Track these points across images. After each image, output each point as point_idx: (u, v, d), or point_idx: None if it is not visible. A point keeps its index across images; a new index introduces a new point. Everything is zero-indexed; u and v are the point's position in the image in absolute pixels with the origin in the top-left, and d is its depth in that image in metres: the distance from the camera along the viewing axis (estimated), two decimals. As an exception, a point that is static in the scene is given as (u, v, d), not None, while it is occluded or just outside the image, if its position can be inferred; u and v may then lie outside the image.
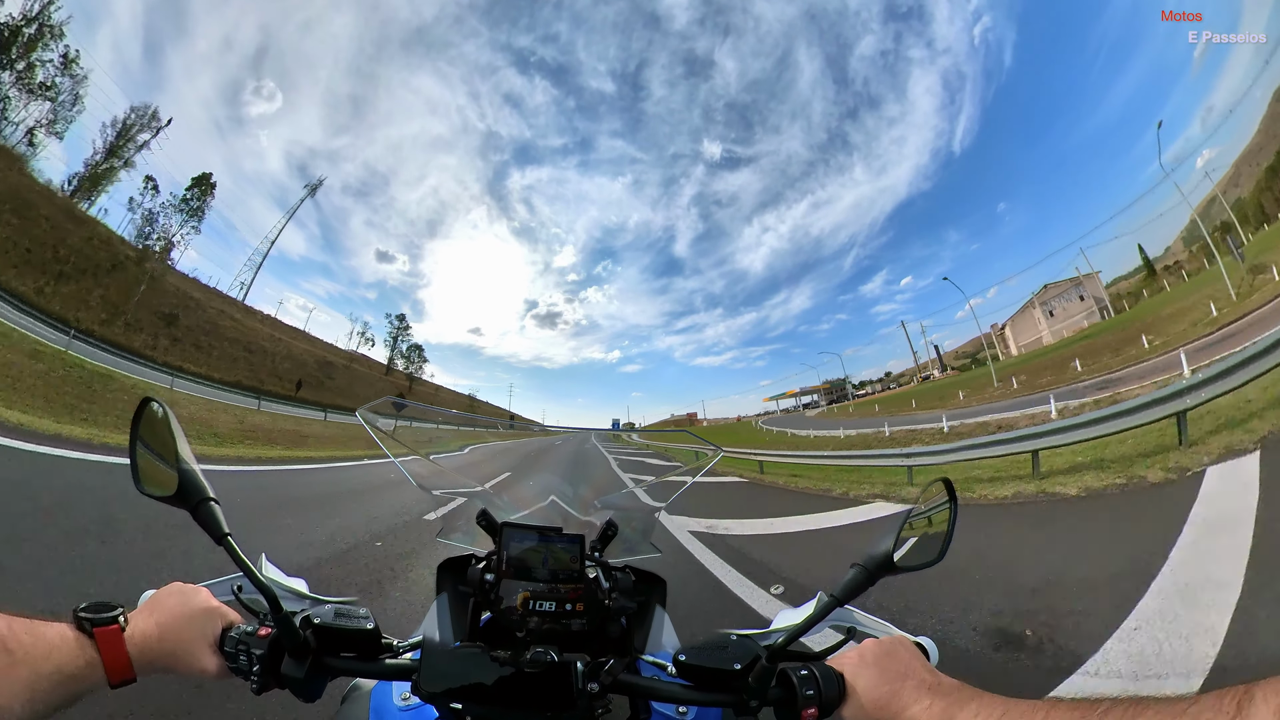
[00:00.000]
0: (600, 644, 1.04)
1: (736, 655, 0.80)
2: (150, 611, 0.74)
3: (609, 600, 1.05)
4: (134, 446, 0.77)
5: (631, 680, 0.82)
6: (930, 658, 0.80)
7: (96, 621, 0.66)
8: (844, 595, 0.75)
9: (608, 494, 1.54)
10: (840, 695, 0.75)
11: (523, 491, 1.58)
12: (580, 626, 1.00)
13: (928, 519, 0.76)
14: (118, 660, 0.66)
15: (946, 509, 0.75)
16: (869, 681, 0.74)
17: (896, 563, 0.72)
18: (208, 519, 0.75)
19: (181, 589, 0.79)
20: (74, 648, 0.63)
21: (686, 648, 0.82)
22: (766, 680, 0.76)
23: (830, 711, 0.76)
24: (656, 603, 1.14)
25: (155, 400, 0.80)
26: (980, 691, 0.65)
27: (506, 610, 0.99)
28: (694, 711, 0.92)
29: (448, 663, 0.79)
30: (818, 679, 0.76)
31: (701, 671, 0.80)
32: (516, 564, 1.02)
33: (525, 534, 1.03)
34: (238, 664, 0.76)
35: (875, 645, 0.79)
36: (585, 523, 1.40)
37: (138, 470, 0.77)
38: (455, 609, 1.07)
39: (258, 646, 0.75)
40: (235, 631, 0.78)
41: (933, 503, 0.77)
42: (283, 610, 0.76)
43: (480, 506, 1.23)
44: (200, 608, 0.77)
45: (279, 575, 0.97)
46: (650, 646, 1.06)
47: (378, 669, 0.82)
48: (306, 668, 0.76)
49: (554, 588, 1.00)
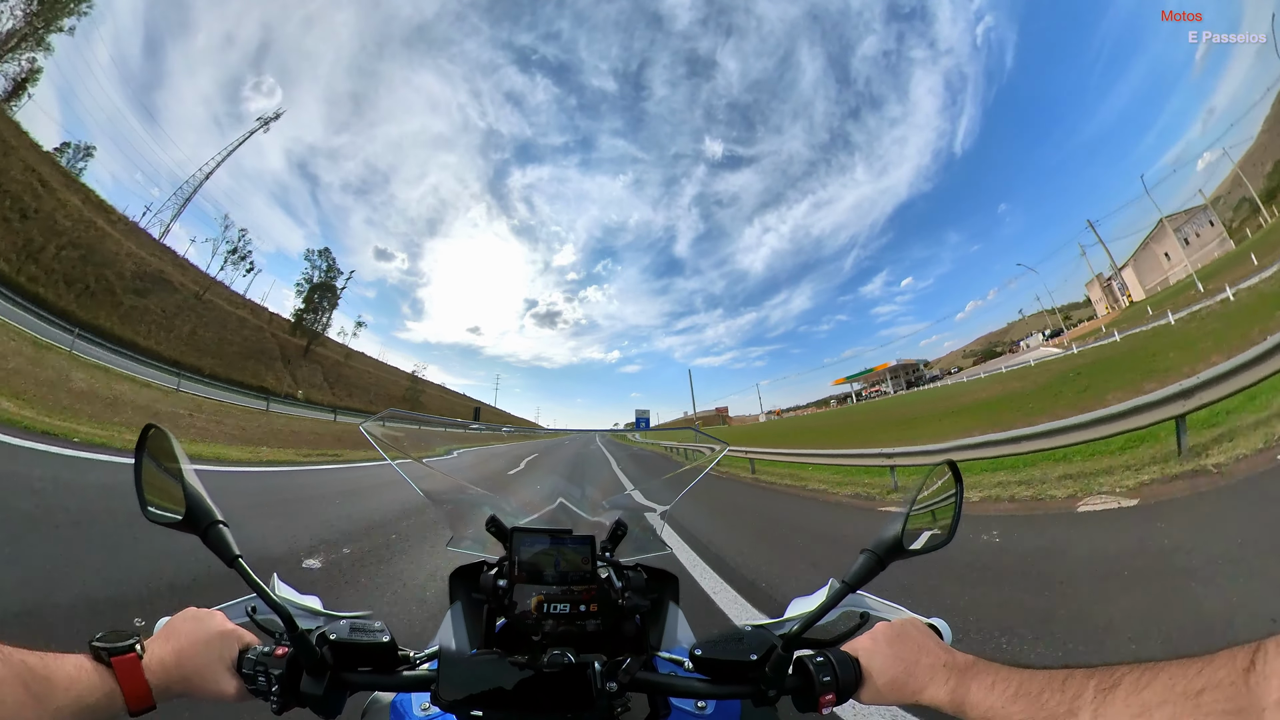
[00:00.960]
0: (616, 643, 1.04)
1: (752, 646, 0.80)
2: (167, 638, 0.74)
3: (622, 599, 1.05)
4: (139, 475, 0.76)
5: (649, 677, 0.83)
6: (944, 638, 0.81)
7: (113, 651, 0.66)
8: (855, 581, 0.75)
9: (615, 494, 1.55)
10: (857, 679, 0.76)
11: (530, 495, 1.59)
12: (595, 627, 1.00)
13: (935, 502, 0.77)
14: (137, 689, 0.66)
15: (953, 491, 0.75)
16: (884, 663, 0.75)
17: (906, 547, 0.73)
18: (217, 542, 0.75)
19: (196, 614, 0.79)
20: (93, 679, 0.63)
21: (702, 642, 0.83)
22: (783, 669, 0.77)
23: (848, 696, 0.77)
24: (670, 599, 1.15)
25: (157, 426, 0.79)
26: (995, 663, 0.65)
27: (521, 615, 0.99)
28: (713, 705, 0.92)
29: (466, 670, 0.79)
30: (834, 665, 0.76)
31: (718, 664, 0.80)
32: (528, 568, 1.02)
33: (536, 538, 1.03)
34: (256, 685, 0.76)
35: (888, 628, 0.80)
36: (594, 523, 1.40)
37: (144, 498, 0.76)
38: (470, 617, 1.07)
39: (275, 666, 0.76)
40: (252, 653, 0.78)
41: (938, 486, 0.77)
42: (298, 628, 0.76)
43: (489, 513, 1.23)
44: (216, 631, 0.77)
45: (292, 594, 0.97)
46: (666, 643, 1.07)
47: (396, 681, 0.82)
48: (325, 684, 0.76)
49: (567, 590, 1.00)
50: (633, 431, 36.34)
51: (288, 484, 9.66)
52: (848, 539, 6.81)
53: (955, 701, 0.65)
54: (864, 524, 7.70)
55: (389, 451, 1.30)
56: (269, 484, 9.39)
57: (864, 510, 8.67)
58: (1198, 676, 0.46)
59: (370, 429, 1.31)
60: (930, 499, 0.77)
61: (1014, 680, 0.60)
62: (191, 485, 0.76)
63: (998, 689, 0.60)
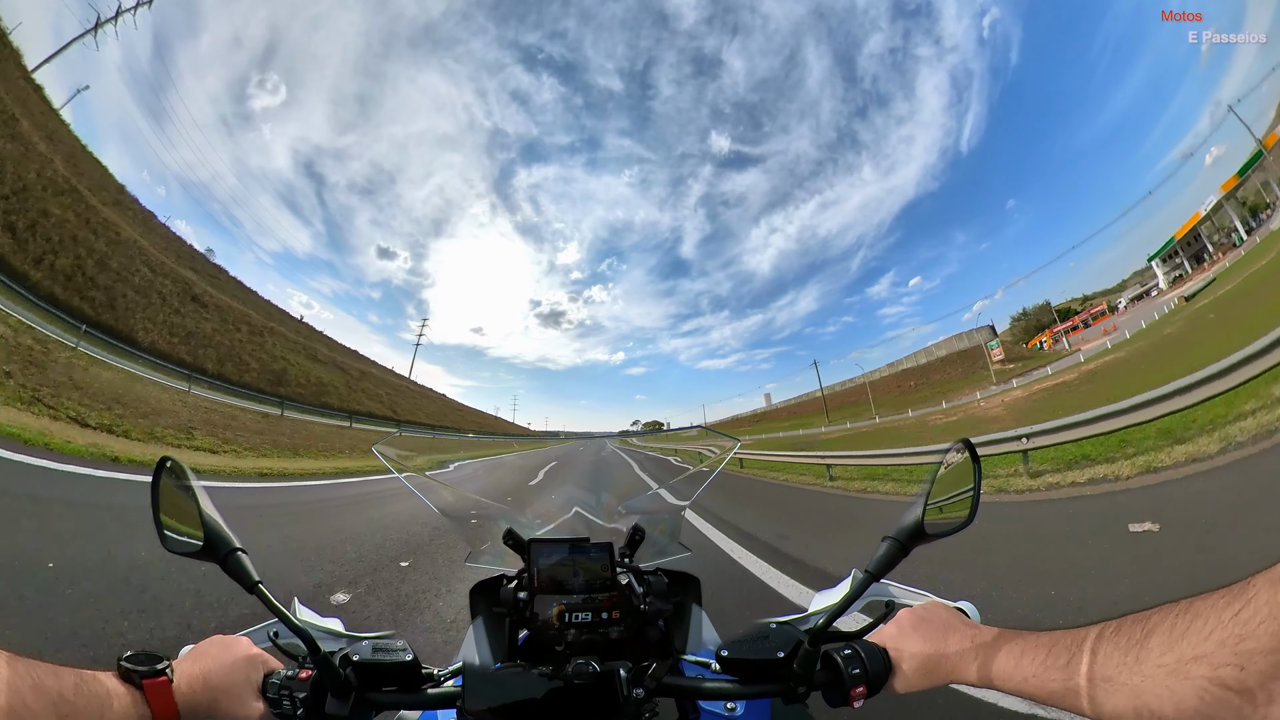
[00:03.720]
0: (641, 649, 1.03)
1: (778, 643, 0.79)
2: (194, 661, 0.74)
3: (644, 604, 1.05)
4: (156, 506, 0.77)
5: (676, 681, 0.82)
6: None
7: (144, 674, 0.66)
8: (878, 570, 0.74)
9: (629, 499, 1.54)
10: (887, 669, 0.75)
11: (545, 506, 1.58)
12: (619, 634, 0.99)
13: (952, 481, 0.75)
14: (166, 711, 0.66)
15: (970, 469, 0.74)
16: (912, 650, 0.73)
17: (928, 530, 0.71)
18: (237, 569, 0.76)
19: (223, 640, 0.79)
20: (125, 702, 0.63)
21: (728, 642, 0.82)
22: (811, 664, 0.76)
23: (879, 687, 0.75)
24: (692, 601, 1.14)
25: (172, 459, 0.80)
26: (1023, 632, 0.63)
27: (543, 625, 0.99)
28: (743, 706, 0.91)
29: (491, 685, 0.78)
30: (862, 657, 0.75)
31: (745, 664, 0.79)
32: (548, 579, 1.01)
33: (554, 548, 1.03)
34: (281, 709, 0.76)
35: (912, 613, 0.79)
36: (611, 530, 1.39)
37: (163, 530, 0.77)
38: (492, 631, 1.07)
39: (300, 690, 0.76)
40: (276, 677, 0.78)
41: (955, 464, 0.76)
42: (321, 651, 0.76)
43: (505, 526, 1.23)
44: (242, 655, 0.77)
45: (313, 617, 0.97)
46: (691, 645, 1.06)
47: (421, 699, 0.81)
48: (350, 706, 0.76)
49: (588, 598, 0.99)
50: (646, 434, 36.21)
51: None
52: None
53: (985, 677, 0.64)
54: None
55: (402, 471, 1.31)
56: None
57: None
58: (1235, 618, 0.41)
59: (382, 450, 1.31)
60: (949, 480, 0.75)
61: (1043, 646, 0.58)
62: (209, 514, 0.77)
63: (1026, 658, 0.58)
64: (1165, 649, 0.45)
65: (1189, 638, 0.43)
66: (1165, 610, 0.47)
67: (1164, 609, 0.47)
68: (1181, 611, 0.45)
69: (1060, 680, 0.54)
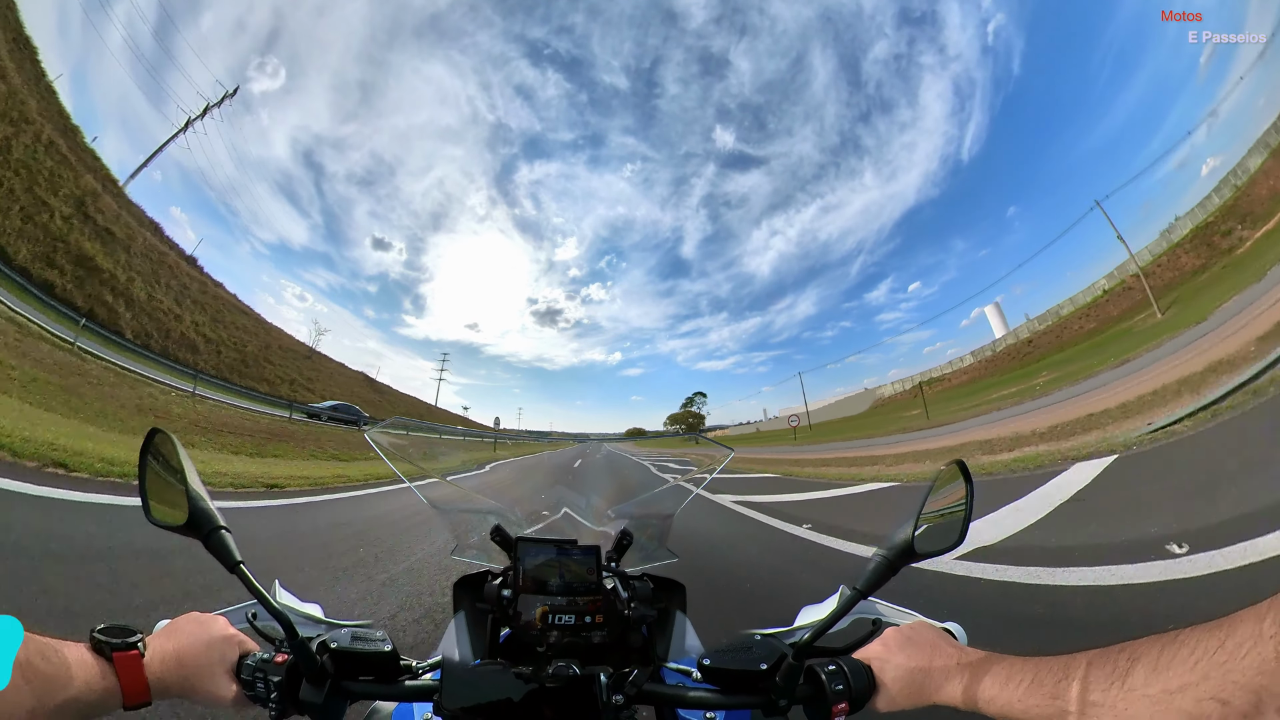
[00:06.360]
0: (623, 654, 1.02)
1: (762, 655, 0.78)
2: (168, 637, 0.74)
3: (629, 610, 1.04)
4: (143, 477, 0.76)
5: (656, 689, 0.81)
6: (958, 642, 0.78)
7: (116, 646, 0.66)
8: (866, 587, 0.73)
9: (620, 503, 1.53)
10: (870, 687, 0.74)
11: (535, 505, 1.57)
12: (601, 638, 0.98)
13: (944, 503, 0.75)
14: (135, 685, 0.66)
15: (962, 491, 0.73)
16: (897, 669, 0.73)
17: (918, 550, 0.71)
18: (220, 548, 0.75)
19: (199, 618, 0.78)
20: (93, 673, 0.62)
21: (710, 651, 0.81)
22: (794, 678, 0.75)
23: (862, 704, 0.74)
24: (677, 608, 1.13)
25: (162, 430, 0.79)
26: (1009, 656, 0.63)
27: (526, 625, 0.97)
28: (722, 716, 0.90)
29: (469, 681, 0.78)
30: (846, 673, 0.74)
31: (727, 674, 0.78)
32: (533, 578, 1.00)
33: (541, 548, 1.02)
34: (255, 691, 0.75)
35: (898, 632, 0.78)
36: (600, 533, 1.38)
37: (148, 501, 0.76)
38: (474, 627, 1.05)
39: (275, 673, 0.75)
40: (252, 659, 0.77)
41: (948, 486, 0.75)
42: (298, 636, 0.75)
43: (494, 522, 1.22)
44: (218, 635, 0.76)
45: (293, 601, 0.96)
46: (673, 653, 1.05)
47: (397, 691, 0.80)
48: (325, 693, 0.75)
49: (572, 600, 0.98)
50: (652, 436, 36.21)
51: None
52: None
53: (970, 699, 0.63)
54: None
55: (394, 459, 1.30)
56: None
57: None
58: (1222, 647, 0.41)
59: (375, 436, 1.30)
60: (940, 500, 0.75)
61: (1029, 671, 0.57)
62: (195, 490, 0.76)
63: (1013, 682, 0.58)
64: (1151, 679, 0.45)
65: (1174, 668, 0.44)
66: (1152, 641, 0.47)
67: (1151, 639, 0.48)
68: (1168, 642, 0.46)
69: (1046, 706, 0.53)
